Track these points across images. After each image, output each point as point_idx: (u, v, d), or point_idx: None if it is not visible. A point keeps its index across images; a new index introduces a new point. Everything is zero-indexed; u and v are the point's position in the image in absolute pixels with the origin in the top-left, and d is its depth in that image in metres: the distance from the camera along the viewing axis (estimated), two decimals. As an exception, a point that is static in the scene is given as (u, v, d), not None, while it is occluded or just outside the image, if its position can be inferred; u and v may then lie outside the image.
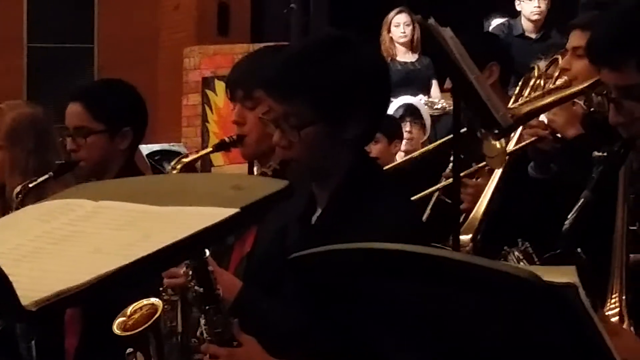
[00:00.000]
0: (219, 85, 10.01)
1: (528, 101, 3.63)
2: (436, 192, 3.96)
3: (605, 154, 2.45)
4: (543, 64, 3.91)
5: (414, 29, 7.73)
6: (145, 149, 7.57)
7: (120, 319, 2.57)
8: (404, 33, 7.83)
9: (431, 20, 3.35)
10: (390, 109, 5.73)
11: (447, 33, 3.30)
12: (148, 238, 1.62)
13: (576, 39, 3.63)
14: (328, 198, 2.53)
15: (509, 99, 3.91)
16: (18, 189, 3.56)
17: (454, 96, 3.63)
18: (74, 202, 1.78)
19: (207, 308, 2.38)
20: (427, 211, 3.99)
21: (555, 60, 3.80)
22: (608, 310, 2.34)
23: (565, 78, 3.62)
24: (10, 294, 1.50)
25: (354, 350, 1.72)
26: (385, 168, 4.13)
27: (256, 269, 2.67)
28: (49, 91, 9.50)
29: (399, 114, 6.18)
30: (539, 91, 3.73)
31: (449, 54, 3.26)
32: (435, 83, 7.62)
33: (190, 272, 2.45)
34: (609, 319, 2.27)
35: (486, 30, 7.83)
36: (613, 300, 2.35)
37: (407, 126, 6.10)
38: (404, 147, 5.87)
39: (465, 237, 3.61)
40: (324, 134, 2.49)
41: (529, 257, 3.40)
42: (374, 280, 1.50)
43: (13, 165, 3.74)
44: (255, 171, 3.15)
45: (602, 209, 2.42)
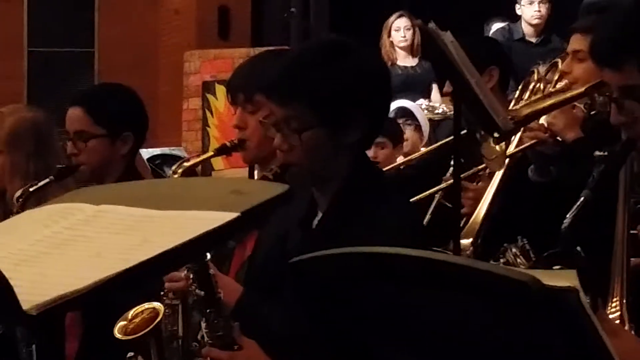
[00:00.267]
0: (220, 89, 10.01)
1: (528, 104, 3.63)
2: (437, 197, 3.95)
3: (605, 154, 2.45)
4: (543, 69, 3.91)
5: (414, 33, 7.71)
6: (146, 153, 7.56)
7: (121, 323, 2.57)
8: (404, 37, 7.82)
9: (431, 25, 3.35)
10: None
11: (448, 37, 3.30)
12: (148, 242, 1.62)
13: (576, 43, 3.63)
14: (329, 202, 2.53)
15: (509, 103, 3.91)
16: (19, 193, 3.54)
17: (454, 100, 3.62)
18: (75, 206, 1.78)
19: (208, 312, 2.39)
20: (428, 215, 3.98)
21: (555, 64, 3.81)
22: (609, 313, 2.33)
23: (565, 81, 3.63)
24: (11, 298, 1.49)
25: (353, 355, 1.71)
26: (385, 169, 4.13)
27: (257, 273, 2.67)
28: (50, 95, 9.52)
29: (391, 116, 6.18)
30: (538, 95, 3.73)
31: (450, 58, 3.26)
32: (435, 87, 7.60)
33: (191, 276, 2.45)
34: (609, 318, 2.27)
35: (486, 34, 7.81)
36: (614, 304, 2.35)
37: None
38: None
39: (465, 241, 3.61)
40: (325, 137, 2.49)
41: (526, 254, 3.42)
42: (375, 284, 1.49)
43: (14, 170, 3.73)
44: (256, 175, 3.14)
45: (602, 209, 2.42)
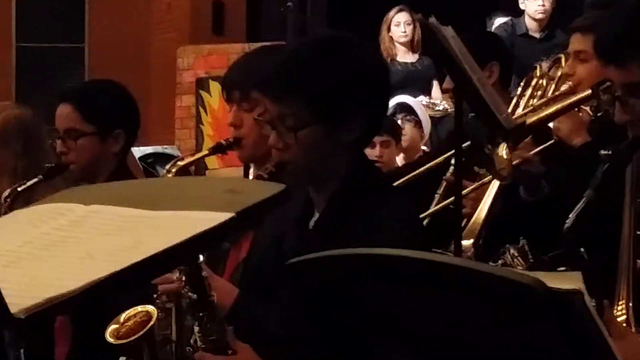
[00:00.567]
0: (214, 86, 9.99)
1: (533, 110, 3.61)
2: (437, 197, 3.92)
3: (610, 153, 2.42)
4: (545, 65, 3.89)
5: (414, 28, 7.67)
6: (138, 151, 7.54)
7: (113, 327, 2.53)
8: (404, 32, 7.77)
9: (432, 19, 3.32)
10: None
11: (449, 32, 3.27)
12: (140, 243, 1.62)
13: (577, 43, 3.61)
14: (326, 202, 2.51)
15: (511, 99, 3.89)
16: (7, 193, 3.53)
17: (455, 97, 3.60)
18: (64, 207, 1.78)
19: (201, 315, 2.37)
20: (428, 217, 3.95)
21: (558, 60, 3.79)
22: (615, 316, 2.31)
23: (569, 84, 3.60)
24: None
25: (351, 356, 1.67)
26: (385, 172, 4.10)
27: (253, 275, 2.65)
28: (39, 92, 9.47)
29: (390, 112, 6.16)
30: (540, 91, 3.70)
31: (451, 54, 3.23)
32: (436, 84, 7.57)
33: (183, 278, 2.41)
34: (616, 320, 2.25)
35: (489, 29, 7.78)
36: (620, 307, 2.36)
37: (399, 123, 6.08)
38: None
39: (466, 242, 3.60)
40: (321, 136, 2.46)
41: (525, 255, 3.41)
42: (373, 285, 1.49)
43: (1, 168, 3.75)
44: (251, 174, 3.10)
45: (605, 209, 2.40)
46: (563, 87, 3.64)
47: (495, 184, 3.70)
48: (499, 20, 7.96)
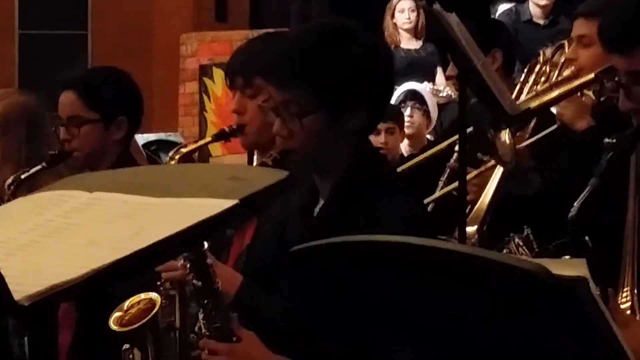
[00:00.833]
0: (217, 73, 9.96)
1: (536, 95, 3.59)
2: (440, 184, 3.91)
3: (614, 140, 2.42)
4: (549, 51, 3.87)
5: (418, 14, 7.65)
6: (141, 138, 7.51)
7: (116, 314, 2.53)
8: (408, 19, 7.75)
9: (436, 6, 3.31)
10: (394, 97, 5.70)
11: (453, 19, 3.26)
12: (144, 230, 1.61)
13: (581, 28, 3.59)
14: (331, 190, 2.49)
15: (514, 86, 3.88)
16: (10, 180, 3.53)
17: (459, 83, 3.59)
18: (68, 194, 1.77)
19: (206, 302, 2.36)
20: (432, 203, 3.95)
21: (562, 46, 3.77)
22: (619, 304, 2.31)
23: (572, 69, 3.59)
24: (2, 289, 1.48)
25: (353, 345, 1.67)
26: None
27: (256, 263, 2.64)
28: (42, 79, 9.43)
29: (400, 99, 6.15)
30: (543, 78, 3.69)
31: (455, 41, 3.22)
32: (440, 70, 7.55)
33: (187, 266, 2.41)
34: (620, 308, 2.25)
35: (493, 16, 7.76)
36: (624, 294, 2.35)
37: (408, 110, 6.07)
38: (406, 132, 5.85)
39: (470, 229, 3.59)
40: (326, 123, 2.45)
41: (529, 245, 3.40)
42: (376, 275, 1.48)
43: (4, 156, 3.72)
44: (255, 161, 3.10)
45: (610, 197, 2.39)
46: (566, 73, 3.63)
47: (499, 170, 3.69)
48: (503, 7, 7.94)
